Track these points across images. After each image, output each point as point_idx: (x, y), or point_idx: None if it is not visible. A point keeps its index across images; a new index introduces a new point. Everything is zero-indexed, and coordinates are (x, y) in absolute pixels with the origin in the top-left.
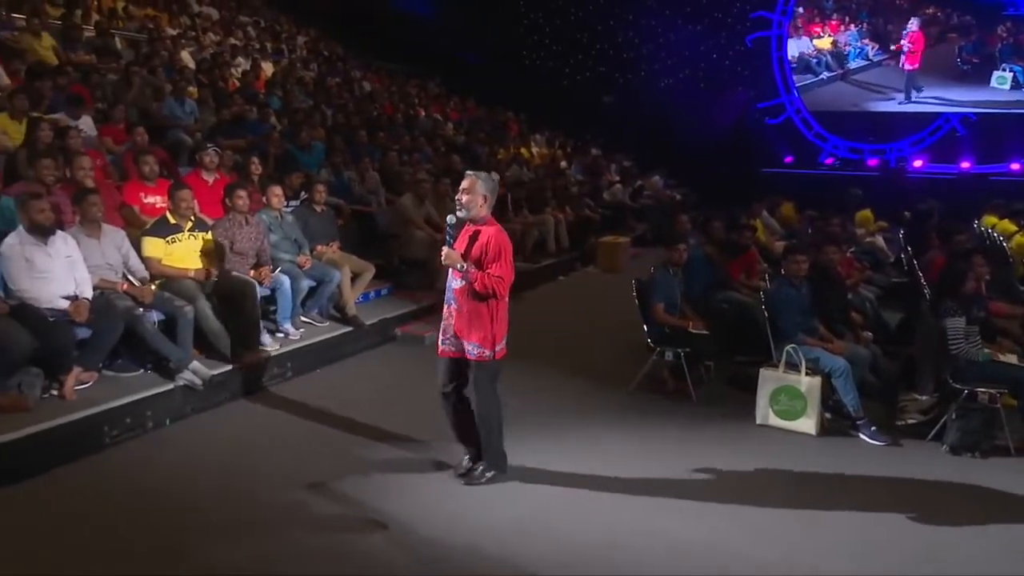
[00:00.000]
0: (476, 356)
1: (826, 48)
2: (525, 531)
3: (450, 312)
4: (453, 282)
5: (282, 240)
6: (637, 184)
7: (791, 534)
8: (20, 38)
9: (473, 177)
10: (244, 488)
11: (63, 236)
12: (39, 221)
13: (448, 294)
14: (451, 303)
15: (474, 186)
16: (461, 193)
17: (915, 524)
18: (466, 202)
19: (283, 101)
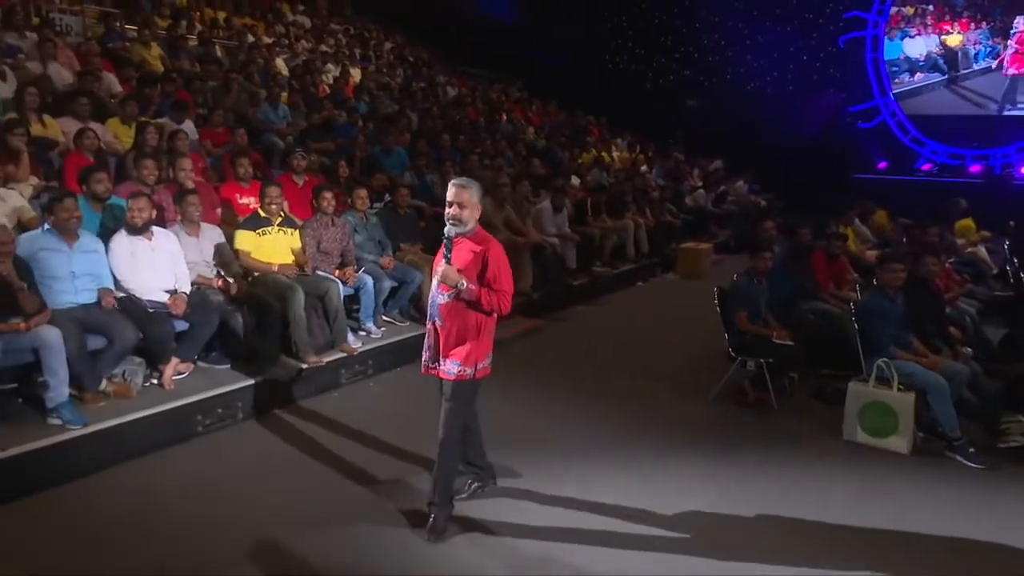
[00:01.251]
0: (456, 375)
1: (955, 45)
2: (609, 542)
3: (431, 329)
4: (438, 297)
5: (366, 241)
6: (721, 189)
7: (874, 556)
8: (132, 48)
9: (464, 187)
10: (322, 480)
11: (166, 233)
12: (134, 221)
13: (431, 310)
14: (435, 320)
15: (469, 198)
16: (455, 207)
17: (1017, 556)
18: (465, 217)
19: (370, 106)
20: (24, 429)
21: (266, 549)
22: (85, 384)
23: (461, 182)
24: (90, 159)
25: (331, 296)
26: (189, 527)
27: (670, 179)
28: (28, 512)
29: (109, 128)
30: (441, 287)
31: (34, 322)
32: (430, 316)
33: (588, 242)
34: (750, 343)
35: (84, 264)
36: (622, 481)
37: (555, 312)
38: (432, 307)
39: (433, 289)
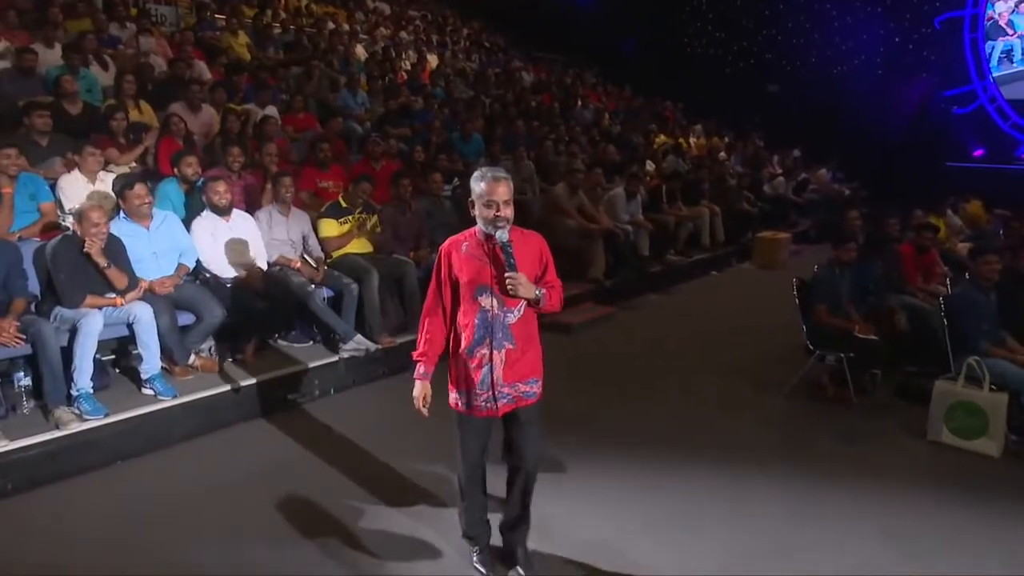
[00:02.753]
0: (538, 395)
1: None
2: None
3: (499, 359)
4: (507, 316)
5: (439, 225)
6: (802, 177)
7: (966, 561)
8: (221, 37)
9: (508, 179)
10: (390, 457)
11: (242, 214)
12: (215, 202)
13: (489, 338)
14: (502, 347)
15: (511, 191)
16: (502, 207)
17: None
18: (511, 214)
19: (446, 91)
20: (121, 398)
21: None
22: (175, 358)
23: (502, 173)
24: (180, 143)
25: (407, 278)
26: (275, 493)
27: (749, 166)
28: (127, 476)
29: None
30: (506, 303)
31: (128, 298)
32: (490, 346)
33: (662, 230)
34: (830, 336)
35: (163, 241)
36: (689, 474)
37: (627, 300)
38: (488, 332)
39: (492, 310)
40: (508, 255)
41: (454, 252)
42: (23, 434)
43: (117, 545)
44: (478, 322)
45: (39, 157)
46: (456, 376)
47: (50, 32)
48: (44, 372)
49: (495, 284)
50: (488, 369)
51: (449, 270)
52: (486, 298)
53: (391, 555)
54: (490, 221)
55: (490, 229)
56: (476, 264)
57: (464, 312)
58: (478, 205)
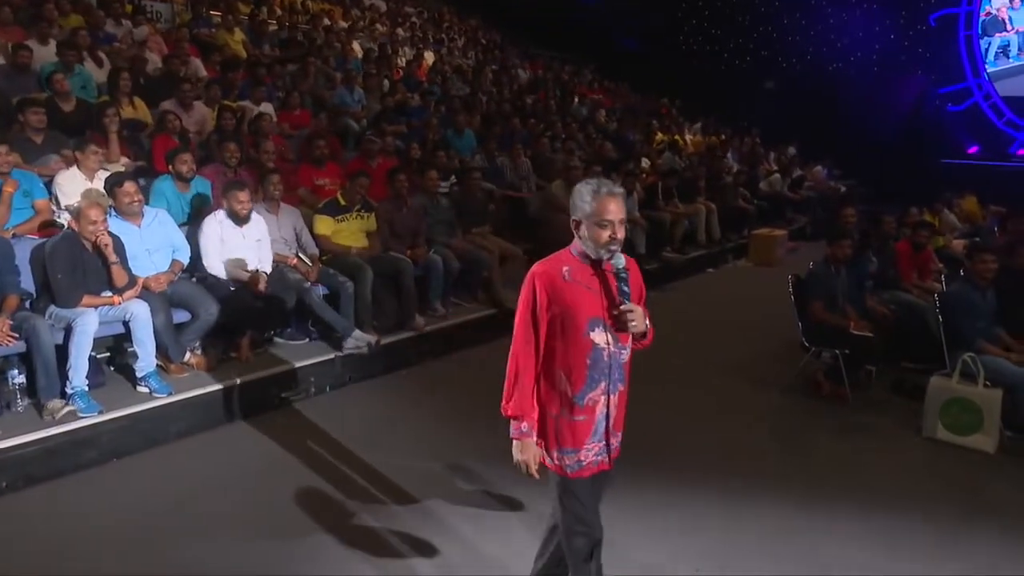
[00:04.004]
0: (618, 448)
1: None
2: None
3: (614, 403)
4: (622, 354)
5: (436, 223)
6: (797, 174)
7: (960, 555)
8: (216, 34)
9: (620, 196)
10: (387, 455)
11: (256, 219)
12: (238, 211)
13: (607, 381)
14: (617, 389)
15: (625, 209)
16: (618, 228)
17: None
18: (623, 236)
19: (442, 88)
20: (117, 396)
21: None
22: (170, 355)
23: (615, 188)
24: (175, 140)
25: (403, 276)
26: (269, 490)
27: (745, 163)
28: (123, 474)
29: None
30: (620, 339)
31: (126, 296)
32: (604, 390)
33: (659, 227)
34: (825, 333)
35: (155, 239)
36: (687, 469)
37: None
38: (605, 374)
39: (605, 347)
40: (624, 283)
41: (555, 279)
42: (17, 431)
43: (114, 543)
44: (591, 362)
45: (33, 154)
46: (556, 431)
47: (45, 29)
48: (38, 369)
49: (609, 317)
50: (604, 416)
51: (548, 301)
52: (600, 334)
53: (387, 553)
54: (603, 245)
55: (601, 253)
56: (586, 293)
57: (569, 352)
58: (586, 225)
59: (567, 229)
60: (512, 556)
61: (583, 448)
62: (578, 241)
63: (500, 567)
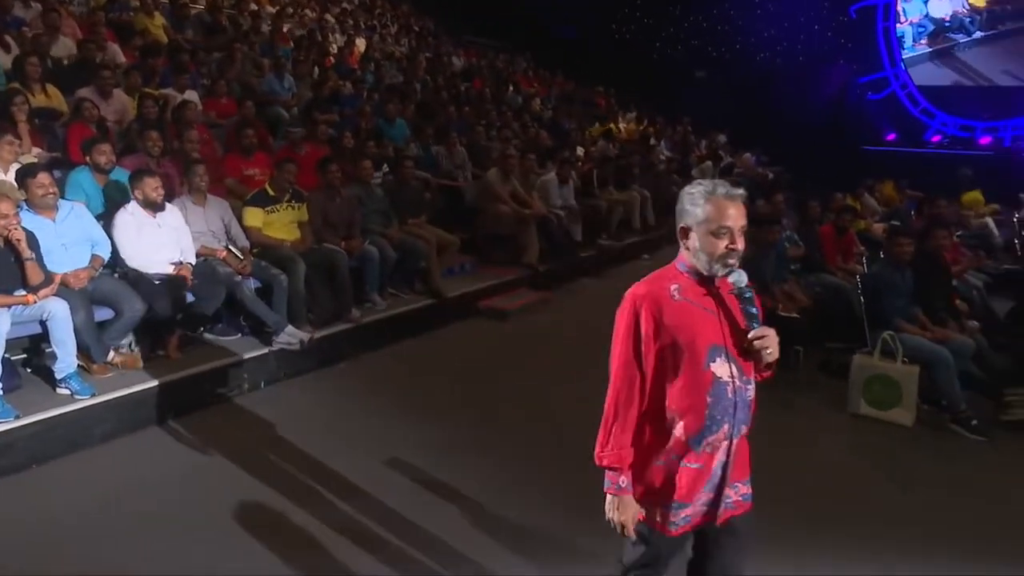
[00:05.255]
0: (750, 502)
1: (982, 6)
2: None
3: (734, 448)
4: (747, 388)
5: (371, 212)
6: (727, 161)
7: (879, 523)
8: (134, 18)
9: (740, 199)
10: (324, 452)
11: (170, 208)
12: (152, 198)
13: (730, 422)
14: (739, 431)
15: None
16: (737, 237)
17: (1017, 526)
18: (743, 248)
19: (375, 76)
20: (34, 399)
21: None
22: (92, 355)
23: (736, 190)
24: (92, 129)
25: (338, 267)
26: (202, 490)
27: (677, 151)
28: (43, 481)
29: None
30: (745, 370)
31: (41, 295)
32: (724, 433)
33: (594, 214)
34: None
35: (72, 233)
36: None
37: (562, 285)
38: (728, 413)
39: (729, 381)
40: (749, 304)
41: (663, 301)
42: None
43: (33, 554)
44: (712, 400)
45: None
46: (663, 481)
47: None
48: None
49: (732, 344)
50: (721, 464)
51: (656, 328)
52: (722, 365)
53: (326, 550)
54: (718, 258)
55: (715, 268)
56: (703, 316)
57: (685, 388)
58: (698, 234)
59: (504, 217)
60: (458, 547)
61: (694, 502)
62: (685, 253)
63: (445, 560)
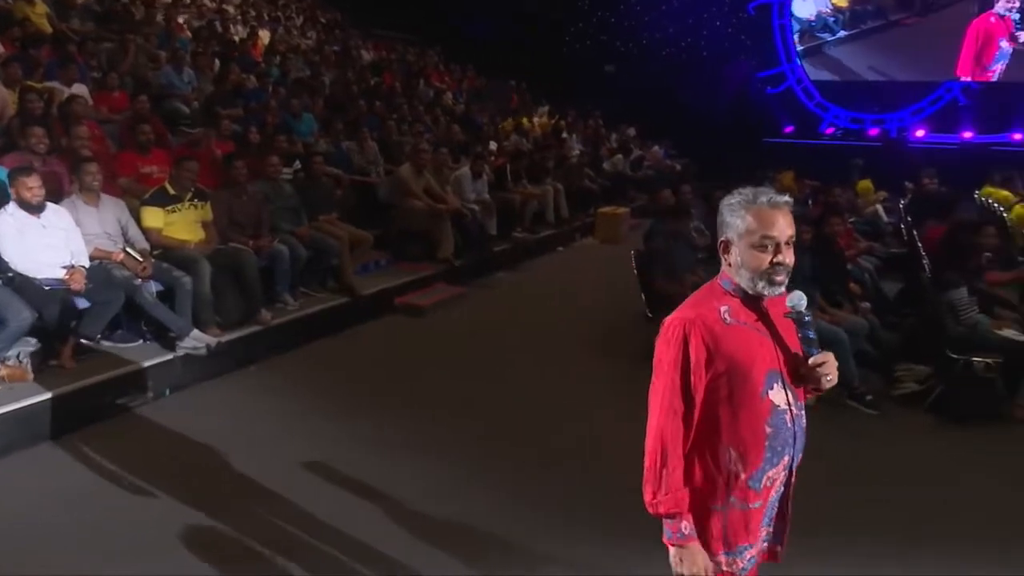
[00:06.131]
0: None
1: (844, 6)
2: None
3: (786, 481)
4: (801, 416)
5: (281, 210)
6: (637, 154)
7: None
8: (13, 6)
9: (786, 208)
10: (238, 459)
11: (55, 208)
12: (26, 199)
13: (790, 454)
14: (795, 463)
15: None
16: (784, 250)
17: (907, 494)
18: (792, 262)
19: (280, 70)
20: None
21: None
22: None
23: (780, 198)
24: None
25: (245, 267)
26: (103, 508)
27: (589, 145)
28: None
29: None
30: (799, 396)
31: None
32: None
33: (508, 208)
34: (667, 303)
35: None
36: (543, 431)
37: (477, 279)
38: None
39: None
40: (807, 328)
41: (714, 325)
42: None
43: None
44: (772, 431)
45: None
46: (724, 527)
47: None
48: None
49: (787, 369)
50: (778, 497)
51: (709, 355)
52: (779, 392)
53: (245, 560)
54: (762, 273)
55: (761, 286)
56: (757, 340)
57: (741, 420)
58: (739, 248)
59: (418, 213)
60: (387, 549)
61: (757, 540)
62: (728, 270)
63: (376, 563)
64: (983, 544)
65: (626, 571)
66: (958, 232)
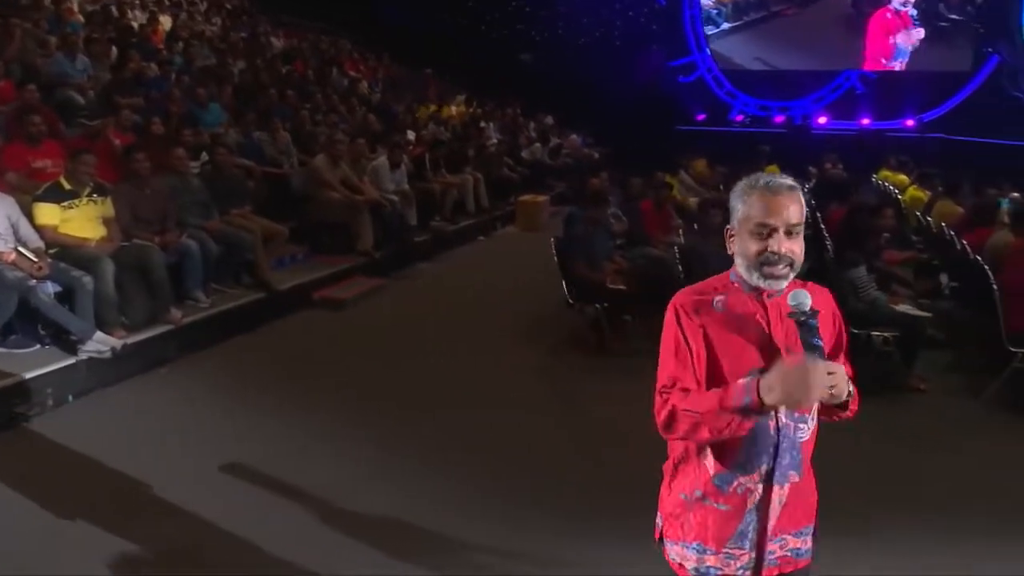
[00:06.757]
0: (811, 553)
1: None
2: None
3: (779, 498)
4: (799, 429)
5: (189, 204)
6: (555, 143)
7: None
8: None
9: (792, 194)
10: (149, 465)
11: None
12: None
13: (768, 465)
14: (786, 479)
15: (803, 211)
16: (782, 238)
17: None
18: (799, 253)
19: (184, 57)
20: None
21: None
22: None
23: (786, 182)
24: None
25: (152, 265)
26: (6, 529)
27: (507, 134)
28: None
29: None
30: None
31: None
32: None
33: (428, 198)
34: (587, 289)
35: None
36: (469, 420)
37: (398, 271)
38: (765, 454)
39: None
40: (810, 332)
41: (703, 309)
42: None
43: None
44: (748, 436)
45: None
46: (688, 520)
47: None
48: None
49: None
50: (755, 515)
51: (697, 338)
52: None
53: (160, 571)
54: (757, 263)
55: (756, 278)
56: (747, 334)
57: None
58: (739, 235)
59: (335, 204)
60: (310, 548)
61: (722, 552)
62: (736, 259)
63: (298, 563)
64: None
65: (548, 554)
66: (858, 214)
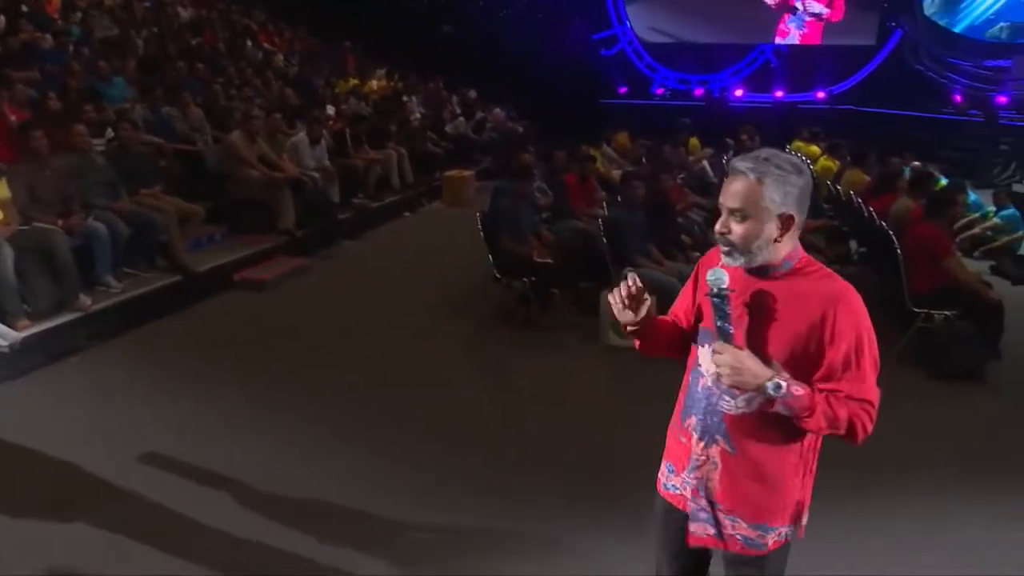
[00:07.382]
0: (767, 548)
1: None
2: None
3: (714, 458)
4: (722, 400)
5: (94, 184)
6: (479, 117)
7: (624, 425)
8: None
9: (743, 177)
10: (61, 460)
11: None
12: None
13: (700, 418)
14: (714, 441)
15: (754, 194)
16: (728, 219)
17: None
18: (740, 236)
19: (83, 28)
20: None
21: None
22: None
23: (743, 164)
24: None
25: (56, 249)
26: None
27: (430, 108)
28: None
29: None
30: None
31: None
32: (699, 426)
33: (351, 175)
34: (514, 264)
35: None
36: (397, 398)
37: (321, 250)
38: (695, 408)
39: (702, 371)
40: (719, 311)
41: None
42: None
43: None
44: (690, 380)
45: None
46: (668, 443)
47: None
48: None
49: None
50: (700, 461)
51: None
52: (705, 353)
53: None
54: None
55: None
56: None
57: (691, 354)
58: None
59: (254, 182)
60: (233, 531)
61: (681, 475)
62: None
63: (224, 552)
64: None
65: (484, 524)
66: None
